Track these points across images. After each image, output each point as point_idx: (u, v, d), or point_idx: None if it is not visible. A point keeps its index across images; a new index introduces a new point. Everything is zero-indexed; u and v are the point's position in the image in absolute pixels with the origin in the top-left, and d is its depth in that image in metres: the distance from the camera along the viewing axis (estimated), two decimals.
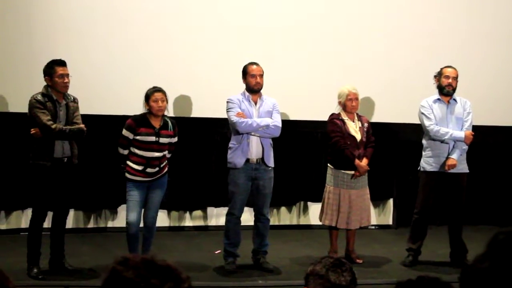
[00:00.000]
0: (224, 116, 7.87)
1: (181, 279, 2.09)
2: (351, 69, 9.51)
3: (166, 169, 7.58)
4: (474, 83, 9.45)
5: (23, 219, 8.89)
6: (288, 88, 9.25)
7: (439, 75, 8.12)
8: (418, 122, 8.25)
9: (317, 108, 9.16)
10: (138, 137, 7.36)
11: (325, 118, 8.22)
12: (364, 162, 8.02)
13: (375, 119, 9.38)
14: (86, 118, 7.60)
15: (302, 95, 9.46)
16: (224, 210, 8.24)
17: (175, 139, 7.59)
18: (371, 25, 9.76)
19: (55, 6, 8.92)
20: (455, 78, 8.08)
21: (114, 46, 9.06)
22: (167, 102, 7.44)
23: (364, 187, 8.13)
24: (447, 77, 8.05)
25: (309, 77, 9.55)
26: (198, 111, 9.36)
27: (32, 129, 7.18)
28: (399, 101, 9.64)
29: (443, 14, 9.95)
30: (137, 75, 8.93)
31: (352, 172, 7.99)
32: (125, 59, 9.06)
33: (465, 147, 8.09)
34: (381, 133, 8.99)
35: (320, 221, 8.28)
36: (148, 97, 7.37)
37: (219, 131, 9.15)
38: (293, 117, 9.46)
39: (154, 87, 7.42)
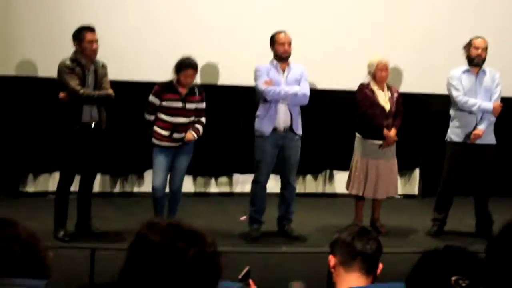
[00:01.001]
0: (252, 84, 7.86)
1: (207, 243, 2.10)
2: (380, 39, 9.43)
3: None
4: (502, 54, 9.34)
5: (51, 182, 8.96)
6: (316, 57, 9.20)
7: (468, 46, 8.05)
8: (446, 92, 8.20)
9: (346, 77, 9.11)
10: (164, 103, 7.39)
11: (354, 87, 8.19)
12: (392, 132, 8.00)
13: (403, 89, 9.31)
14: (114, 84, 7.63)
15: (330, 64, 9.41)
16: (250, 177, 8.25)
17: (202, 105, 7.59)
18: None
19: None
20: (485, 49, 8.01)
21: (143, 13, 9.05)
22: (196, 75, 7.48)
23: (392, 157, 8.11)
24: (477, 48, 7.98)
25: (338, 46, 9.49)
26: (225, 79, 9.35)
27: (60, 93, 7.23)
28: (428, 71, 9.57)
29: None
30: (165, 42, 8.93)
31: (380, 142, 7.97)
32: (154, 26, 9.05)
33: (493, 118, 8.05)
34: (409, 103, 8.93)
35: (347, 190, 8.27)
36: (179, 69, 7.37)
37: (247, 98, 9.13)
38: (321, 86, 9.42)
39: (188, 60, 7.39)
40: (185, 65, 7.37)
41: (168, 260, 2.03)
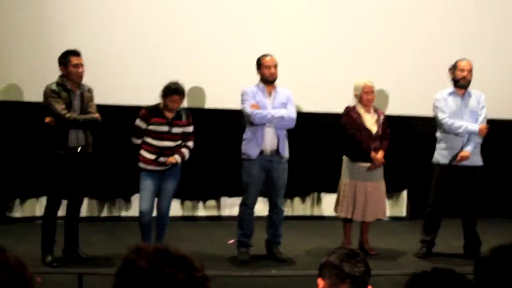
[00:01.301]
0: (238, 107, 7.87)
1: (195, 267, 2.09)
2: (366, 61, 9.48)
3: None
4: (487, 76, 9.38)
5: (38, 207, 8.93)
6: (302, 80, 9.22)
7: (453, 68, 8.10)
8: (432, 115, 8.23)
9: (331, 100, 9.14)
10: (151, 127, 7.38)
11: (339, 110, 8.22)
12: (380, 154, 8.01)
13: (389, 111, 9.33)
14: (100, 108, 7.62)
15: (316, 87, 9.44)
16: (237, 200, 8.24)
17: (190, 128, 7.59)
18: (386, 17, 9.73)
19: None
20: (470, 71, 8.05)
21: (129, 37, 9.06)
22: (183, 101, 7.49)
23: (379, 180, 8.12)
24: (462, 70, 8.03)
25: (323, 69, 9.52)
26: (212, 102, 9.36)
27: (46, 118, 7.22)
28: (414, 94, 9.61)
29: (456, 5, 9.90)
30: (151, 66, 8.94)
31: (368, 164, 7.98)
32: (139, 50, 9.06)
33: (479, 140, 8.08)
34: (395, 125, 8.96)
35: (336, 213, 8.27)
36: (166, 94, 7.36)
37: (233, 122, 9.14)
38: (307, 109, 9.44)
39: (175, 85, 7.38)
40: (172, 91, 7.36)
41: (156, 286, 2.01)
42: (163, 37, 9.16)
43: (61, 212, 7.52)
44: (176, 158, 7.47)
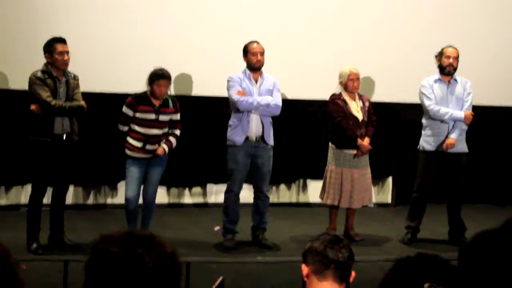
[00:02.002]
0: (225, 94, 7.87)
1: (164, 245, 2.12)
2: (352, 48, 9.49)
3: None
4: (474, 63, 9.42)
5: (23, 194, 8.91)
6: (288, 67, 9.22)
7: (440, 55, 8.11)
8: (418, 101, 8.25)
9: (317, 87, 9.15)
10: (137, 115, 7.37)
11: (325, 97, 8.23)
12: (366, 141, 8.03)
13: (375, 98, 9.36)
14: (86, 95, 7.59)
15: (302, 74, 9.44)
16: (223, 187, 8.25)
17: (177, 116, 7.58)
18: (372, 4, 9.73)
19: None
20: (456, 58, 8.07)
21: (115, 24, 9.03)
22: (170, 86, 7.47)
23: (365, 167, 8.14)
24: (448, 57, 8.04)
25: (309, 56, 9.53)
26: (198, 89, 9.35)
27: (32, 105, 7.19)
28: (400, 81, 9.63)
29: None
30: (138, 53, 8.92)
31: (354, 151, 8.00)
32: (126, 37, 9.04)
33: (465, 127, 8.11)
34: (381, 112, 8.98)
35: (322, 200, 8.28)
36: (152, 80, 7.35)
37: (219, 109, 9.14)
38: (293, 96, 9.44)
39: (161, 71, 7.37)
40: (158, 76, 7.35)
41: (131, 268, 2.05)
42: (149, 24, 9.13)
43: (47, 199, 7.50)
44: (164, 147, 7.47)
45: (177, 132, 7.62)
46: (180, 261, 2.15)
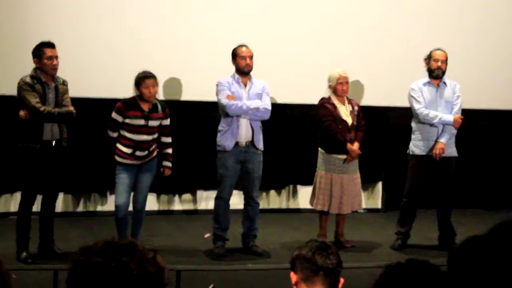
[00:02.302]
0: (214, 99, 7.86)
1: (145, 251, 2.13)
2: (340, 52, 9.49)
3: (156, 152, 7.57)
4: (463, 66, 9.45)
5: (12, 202, 8.86)
6: (277, 71, 9.23)
7: (428, 58, 8.12)
8: (407, 105, 8.25)
9: (306, 91, 9.15)
10: (127, 120, 7.34)
11: (314, 101, 8.22)
12: (355, 146, 8.02)
13: (364, 102, 9.37)
14: (75, 101, 7.56)
15: (291, 78, 9.45)
16: (213, 193, 8.23)
17: (166, 121, 7.56)
18: (361, 8, 9.74)
19: None
20: (444, 61, 8.07)
21: (104, 29, 9.01)
22: (157, 87, 7.43)
23: (355, 172, 8.13)
24: (436, 60, 8.05)
25: (298, 60, 9.53)
26: (187, 94, 9.33)
27: (20, 111, 7.15)
28: (389, 84, 9.64)
29: None
30: (127, 58, 8.89)
31: (344, 156, 7.99)
32: (115, 42, 9.02)
33: (454, 131, 8.10)
34: (370, 116, 8.98)
35: (312, 205, 8.27)
36: (138, 83, 7.33)
37: (209, 114, 9.12)
38: (282, 100, 9.44)
39: (144, 73, 7.37)
40: (143, 77, 7.32)
41: (117, 277, 2.04)
42: (139, 30, 9.11)
43: (36, 207, 7.47)
44: (168, 165, 7.64)
45: (169, 140, 7.62)
46: (162, 266, 2.15)
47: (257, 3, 9.48)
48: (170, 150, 7.66)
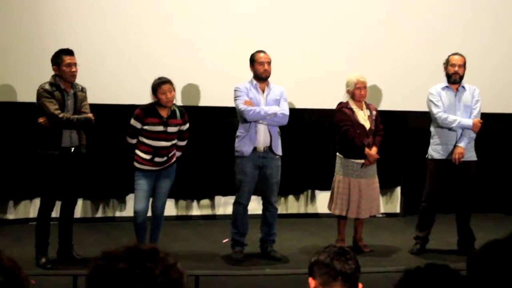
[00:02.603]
0: (232, 104, 7.87)
1: (168, 257, 2.13)
2: (358, 57, 9.48)
3: (175, 158, 7.58)
4: (481, 70, 9.41)
5: (32, 208, 8.91)
6: (295, 76, 9.23)
7: (446, 63, 8.10)
8: (426, 109, 8.23)
9: (324, 96, 9.15)
10: (146, 127, 7.35)
11: (332, 106, 8.21)
12: (373, 150, 8.00)
13: (382, 107, 9.34)
14: (94, 107, 7.59)
15: (309, 83, 9.44)
16: (231, 199, 8.24)
17: (185, 127, 7.57)
18: (378, 13, 9.72)
19: None
20: (462, 66, 8.04)
21: (122, 36, 9.04)
22: (174, 92, 7.43)
23: (373, 176, 8.11)
24: (453, 65, 8.02)
25: (316, 65, 9.52)
26: (206, 100, 9.35)
27: (40, 118, 7.19)
28: (407, 89, 9.62)
29: (452, 1, 9.92)
30: (145, 64, 8.91)
31: (362, 161, 7.97)
32: (133, 49, 9.04)
33: (473, 135, 8.07)
34: (388, 121, 8.97)
35: (330, 210, 8.25)
36: (155, 89, 7.34)
37: (227, 119, 9.14)
38: (300, 105, 9.44)
39: (160, 79, 7.38)
40: (159, 83, 7.33)
41: (142, 283, 2.04)
42: (156, 36, 9.14)
43: (55, 213, 7.50)
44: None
45: (183, 143, 7.62)
46: (183, 272, 2.15)
47: (276, 9, 9.46)
48: (178, 153, 7.66)
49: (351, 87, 8.01)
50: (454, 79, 8.02)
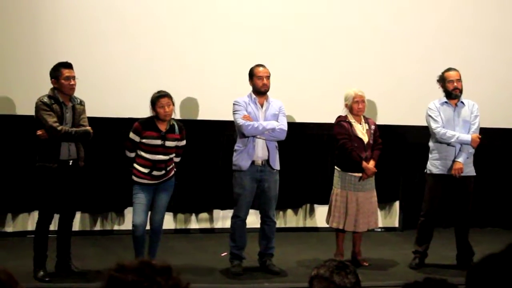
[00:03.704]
0: (230, 118, 7.87)
1: (179, 277, 2.16)
2: (358, 71, 9.50)
3: (173, 172, 7.57)
4: (479, 85, 9.43)
5: (30, 221, 8.91)
6: (294, 91, 9.25)
7: (442, 81, 8.08)
8: (424, 124, 8.24)
9: (323, 110, 9.17)
10: (144, 140, 7.35)
11: (331, 120, 8.22)
12: (371, 164, 8.01)
13: (381, 121, 9.35)
14: (92, 120, 7.59)
15: (308, 98, 9.46)
16: (230, 213, 8.23)
17: (182, 143, 7.57)
18: (376, 27, 9.76)
19: (60, 8, 8.92)
20: (459, 80, 8.05)
21: (121, 49, 9.06)
22: (173, 105, 7.43)
23: (371, 190, 8.11)
24: (451, 81, 8.01)
25: (315, 79, 9.55)
26: (204, 114, 9.36)
27: (38, 131, 7.19)
28: (406, 103, 9.64)
29: (447, 15, 9.95)
30: (144, 77, 8.93)
31: (360, 174, 7.98)
32: (132, 62, 9.06)
33: (472, 150, 8.07)
34: (387, 135, 8.98)
35: (327, 223, 8.25)
36: (154, 103, 7.35)
37: (225, 133, 9.15)
38: (299, 119, 9.46)
39: (159, 92, 7.39)
40: (158, 96, 7.34)
41: None
42: (155, 49, 9.17)
43: (53, 226, 7.49)
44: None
45: (177, 159, 7.61)
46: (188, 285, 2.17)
47: (274, 24, 9.49)
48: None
49: (349, 101, 8.03)
50: (455, 94, 8.02)
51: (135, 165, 7.41)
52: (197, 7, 9.32)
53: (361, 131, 8.05)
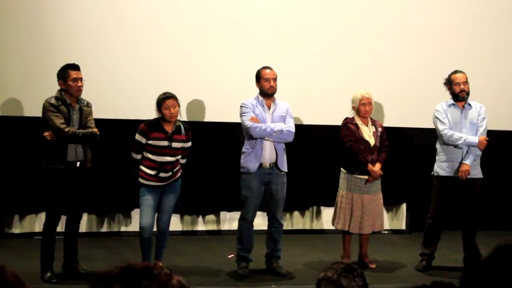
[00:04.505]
0: (238, 120, 7.87)
1: (161, 274, 2.12)
2: (365, 73, 9.50)
3: (180, 173, 7.57)
4: (486, 87, 9.41)
5: (37, 223, 8.92)
6: (301, 93, 9.25)
7: (449, 83, 8.07)
8: (431, 126, 8.22)
9: (330, 112, 9.16)
10: (150, 142, 7.36)
11: (338, 122, 8.22)
12: (377, 167, 8.00)
13: (388, 123, 9.33)
14: (99, 122, 7.61)
15: (315, 100, 9.46)
16: (237, 215, 8.23)
17: (188, 144, 7.58)
18: (384, 29, 9.74)
19: (68, 11, 8.94)
20: (466, 82, 8.03)
21: (128, 51, 9.07)
22: (179, 107, 7.43)
23: (377, 192, 8.11)
24: (458, 83, 8.00)
25: (322, 81, 9.54)
26: (211, 116, 9.36)
27: (45, 132, 7.20)
28: (413, 106, 9.62)
29: (455, 16, 9.93)
30: (150, 79, 8.94)
31: (366, 177, 7.98)
32: (138, 64, 9.07)
33: (479, 152, 8.05)
34: (394, 137, 8.96)
35: (333, 225, 8.26)
36: (159, 104, 7.36)
37: (232, 135, 9.14)
38: (306, 121, 9.45)
39: (164, 94, 7.40)
40: (163, 98, 7.35)
41: None
42: (161, 51, 9.17)
43: (60, 227, 7.50)
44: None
45: (182, 161, 7.61)
46: (186, 286, 2.15)
47: (281, 25, 9.49)
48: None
49: (356, 103, 8.03)
50: (462, 96, 8.01)
51: (142, 167, 7.41)
52: (204, 10, 9.32)
53: (368, 133, 8.05)
